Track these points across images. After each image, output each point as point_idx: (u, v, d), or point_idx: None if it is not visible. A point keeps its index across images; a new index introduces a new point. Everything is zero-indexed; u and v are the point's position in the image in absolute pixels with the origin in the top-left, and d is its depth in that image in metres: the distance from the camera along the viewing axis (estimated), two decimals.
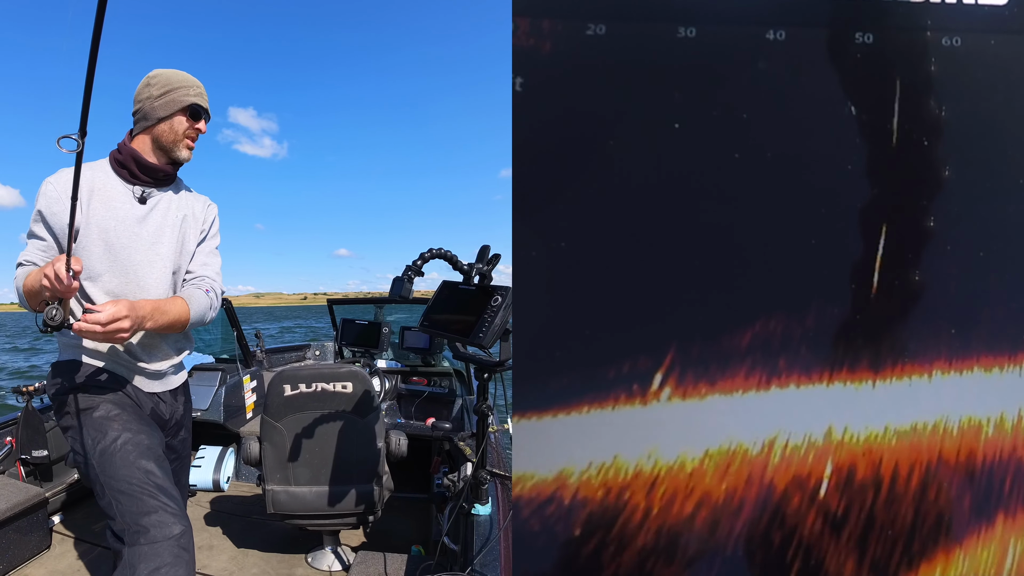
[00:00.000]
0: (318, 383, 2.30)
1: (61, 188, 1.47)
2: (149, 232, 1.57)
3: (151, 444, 1.49)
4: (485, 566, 1.51)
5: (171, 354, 1.65)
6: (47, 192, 1.48)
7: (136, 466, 1.41)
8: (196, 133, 1.59)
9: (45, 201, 1.48)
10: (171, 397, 1.68)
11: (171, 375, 1.68)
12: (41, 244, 1.50)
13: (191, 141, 1.59)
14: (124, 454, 1.42)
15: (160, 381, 1.65)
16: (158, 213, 1.59)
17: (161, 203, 1.61)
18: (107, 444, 1.44)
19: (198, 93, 1.58)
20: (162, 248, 1.59)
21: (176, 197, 1.65)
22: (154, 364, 1.61)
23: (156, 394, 1.64)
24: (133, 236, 1.54)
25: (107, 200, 1.53)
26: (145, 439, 1.48)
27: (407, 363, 3.98)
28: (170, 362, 1.64)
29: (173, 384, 1.69)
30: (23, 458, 2.90)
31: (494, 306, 1.45)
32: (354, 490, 2.34)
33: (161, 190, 1.62)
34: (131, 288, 1.54)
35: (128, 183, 1.57)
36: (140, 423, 1.53)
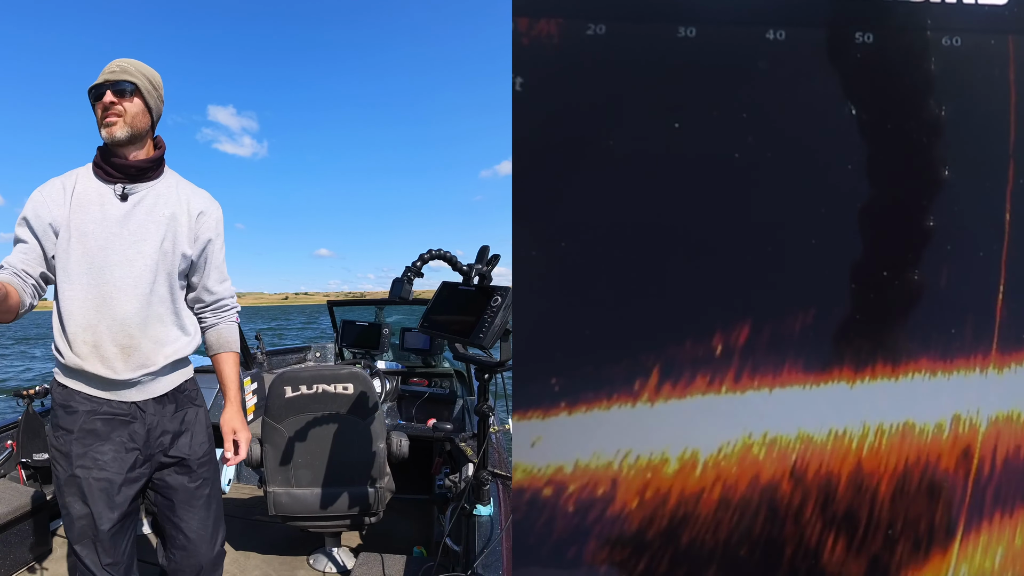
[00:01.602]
0: (319, 385, 2.30)
1: (47, 194, 1.49)
2: (130, 231, 1.51)
3: (98, 507, 1.50)
4: (487, 567, 1.51)
5: (147, 363, 1.54)
6: (35, 199, 1.50)
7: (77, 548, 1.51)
8: (104, 109, 1.49)
9: (32, 206, 1.49)
10: (155, 405, 1.57)
11: (148, 383, 1.56)
12: (24, 247, 1.49)
13: (108, 118, 1.49)
14: (75, 532, 1.51)
15: (135, 389, 1.54)
16: (142, 210, 1.53)
17: (146, 199, 1.55)
18: (66, 515, 1.52)
19: (101, 74, 1.51)
20: (145, 247, 1.52)
21: (164, 193, 1.58)
22: (124, 374, 1.52)
23: (136, 403, 1.54)
24: (111, 236, 1.50)
25: (85, 202, 1.50)
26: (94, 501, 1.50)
27: (407, 364, 3.97)
28: (146, 370, 1.54)
29: (154, 392, 1.57)
30: (24, 462, 2.90)
31: (494, 307, 1.45)
32: (355, 491, 2.34)
33: (145, 185, 1.55)
34: (107, 289, 1.48)
35: (107, 183, 1.53)
36: (97, 466, 1.50)
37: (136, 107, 1.51)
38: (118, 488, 1.50)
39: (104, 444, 1.50)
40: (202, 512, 1.64)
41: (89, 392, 1.51)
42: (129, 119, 1.49)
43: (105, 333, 1.48)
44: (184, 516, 1.62)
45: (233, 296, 1.76)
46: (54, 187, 1.51)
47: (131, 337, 1.50)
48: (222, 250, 1.70)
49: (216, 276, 1.68)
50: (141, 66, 1.54)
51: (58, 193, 1.50)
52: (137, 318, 1.51)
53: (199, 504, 1.64)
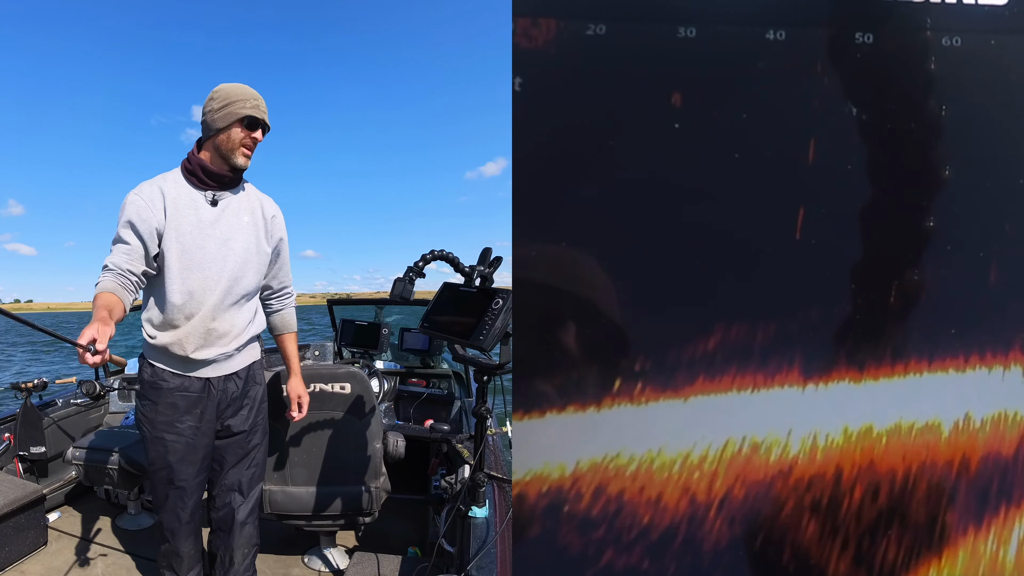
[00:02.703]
0: (316, 384, 2.30)
1: (146, 198, 1.70)
2: (221, 232, 1.77)
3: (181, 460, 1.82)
4: (481, 569, 1.51)
5: (225, 345, 1.82)
6: (134, 202, 1.70)
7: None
8: (252, 142, 1.75)
9: (134, 209, 1.69)
10: (222, 382, 1.85)
11: (220, 362, 1.83)
12: (126, 248, 1.68)
13: (247, 149, 1.76)
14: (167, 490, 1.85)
15: (209, 368, 1.82)
16: (229, 214, 1.80)
17: (232, 205, 1.81)
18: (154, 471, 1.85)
19: (254, 105, 1.74)
20: (235, 244, 1.79)
21: (244, 198, 1.85)
22: (202, 355, 1.79)
23: (208, 380, 1.83)
24: (205, 236, 1.75)
25: (181, 207, 1.73)
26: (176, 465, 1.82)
27: (406, 364, 3.97)
28: (222, 350, 1.81)
29: (224, 371, 1.85)
30: (21, 455, 2.91)
31: (495, 309, 1.45)
32: (351, 491, 2.34)
33: (230, 192, 1.82)
34: (208, 283, 1.74)
35: (198, 189, 1.77)
36: (176, 432, 1.81)
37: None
38: (193, 450, 1.82)
39: (184, 415, 1.79)
40: (243, 470, 1.96)
41: (173, 371, 1.79)
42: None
43: (195, 320, 1.74)
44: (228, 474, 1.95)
45: (292, 286, 2.08)
46: (153, 192, 1.72)
47: (214, 321, 1.77)
48: (287, 248, 2.00)
49: (284, 269, 2.01)
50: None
51: (157, 198, 1.72)
52: (223, 306, 1.77)
53: (243, 463, 1.96)
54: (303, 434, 2.34)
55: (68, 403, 3.32)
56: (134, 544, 2.68)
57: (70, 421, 3.26)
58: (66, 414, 3.25)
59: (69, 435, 3.18)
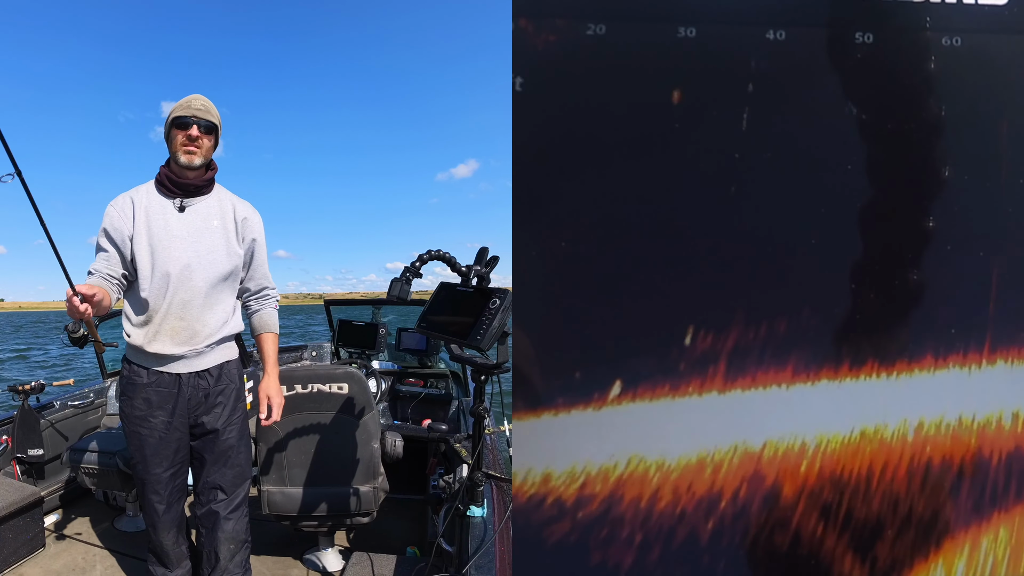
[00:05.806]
0: (314, 384, 2.30)
1: (119, 208, 1.86)
2: (188, 235, 1.87)
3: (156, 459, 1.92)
4: (480, 568, 1.50)
5: (193, 341, 1.88)
6: (109, 213, 1.87)
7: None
8: (188, 139, 1.83)
9: (109, 220, 1.86)
10: (194, 379, 1.91)
11: (190, 359, 1.90)
12: (105, 255, 1.85)
13: (187, 147, 1.84)
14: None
15: (179, 363, 1.89)
16: (198, 218, 1.89)
17: (200, 210, 1.91)
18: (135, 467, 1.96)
19: (184, 106, 1.85)
20: (201, 247, 1.87)
21: (215, 203, 1.94)
22: (173, 351, 1.87)
23: (179, 376, 1.90)
24: (172, 239, 1.85)
25: (151, 213, 1.86)
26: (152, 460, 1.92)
27: (403, 364, 3.96)
28: (190, 347, 1.88)
29: (194, 367, 1.91)
30: (19, 457, 2.89)
31: (492, 308, 1.45)
32: (349, 491, 2.34)
33: (198, 199, 1.91)
34: (173, 284, 1.83)
35: (167, 197, 1.89)
36: (148, 427, 1.91)
37: (210, 143, 1.90)
38: (165, 444, 1.91)
39: (156, 410, 1.88)
40: (222, 469, 2.00)
41: (146, 367, 1.89)
42: (204, 152, 1.87)
43: (166, 319, 1.84)
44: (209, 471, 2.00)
45: (274, 287, 2.13)
46: (125, 202, 1.87)
47: (182, 319, 1.85)
48: (264, 249, 2.06)
49: (260, 270, 2.05)
50: (214, 108, 1.92)
51: (128, 207, 1.86)
52: (191, 305, 1.85)
53: (220, 462, 1.99)
54: (301, 435, 2.34)
55: (66, 405, 3.30)
56: (132, 546, 2.67)
57: (68, 423, 3.25)
58: (64, 416, 3.24)
59: (67, 437, 3.17)
